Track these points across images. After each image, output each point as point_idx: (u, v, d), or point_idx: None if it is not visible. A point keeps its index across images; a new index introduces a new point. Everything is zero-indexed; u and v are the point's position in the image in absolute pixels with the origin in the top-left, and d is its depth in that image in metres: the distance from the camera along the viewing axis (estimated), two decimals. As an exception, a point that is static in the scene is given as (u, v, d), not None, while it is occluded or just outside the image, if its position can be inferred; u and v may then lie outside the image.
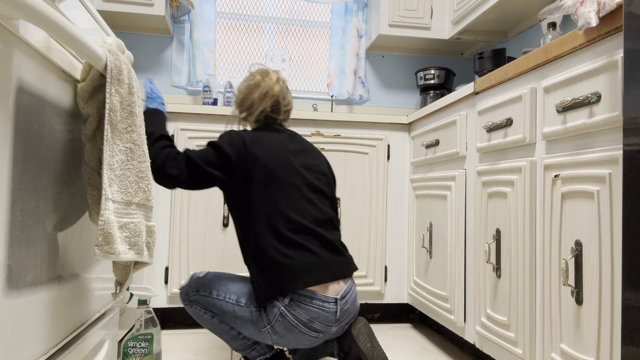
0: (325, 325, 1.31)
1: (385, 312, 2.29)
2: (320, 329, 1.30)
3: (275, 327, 1.28)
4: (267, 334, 1.30)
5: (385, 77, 2.85)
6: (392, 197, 2.20)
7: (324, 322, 1.30)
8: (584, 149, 1.08)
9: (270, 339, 1.31)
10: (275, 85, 1.48)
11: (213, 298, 1.35)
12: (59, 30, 0.69)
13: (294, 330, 1.28)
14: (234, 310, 1.32)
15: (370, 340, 1.41)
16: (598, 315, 1.00)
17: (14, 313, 0.70)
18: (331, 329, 1.32)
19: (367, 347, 1.39)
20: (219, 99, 2.53)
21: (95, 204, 0.93)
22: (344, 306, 1.33)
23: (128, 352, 1.34)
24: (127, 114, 0.94)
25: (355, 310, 1.39)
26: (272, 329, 1.28)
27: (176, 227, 2.00)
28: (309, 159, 1.46)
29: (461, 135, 1.67)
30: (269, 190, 1.34)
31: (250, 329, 1.32)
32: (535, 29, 2.30)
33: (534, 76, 1.27)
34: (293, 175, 1.38)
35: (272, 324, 1.28)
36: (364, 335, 1.41)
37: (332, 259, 1.34)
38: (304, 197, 1.37)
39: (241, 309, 1.32)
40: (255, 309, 1.31)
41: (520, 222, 1.29)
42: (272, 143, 1.42)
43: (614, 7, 0.95)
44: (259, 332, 1.31)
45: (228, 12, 2.75)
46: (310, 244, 1.32)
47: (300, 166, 1.42)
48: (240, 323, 1.32)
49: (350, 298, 1.36)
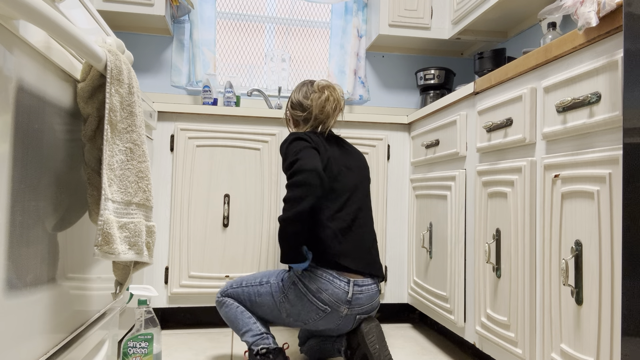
0: (334, 301, 1.44)
1: (385, 312, 2.29)
2: (327, 302, 1.44)
3: (288, 296, 1.48)
4: (281, 303, 1.50)
5: (385, 77, 2.85)
6: (392, 197, 2.20)
7: (333, 297, 1.44)
8: (584, 149, 1.08)
9: (284, 309, 1.50)
10: (339, 105, 1.66)
11: (242, 287, 1.58)
12: (59, 30, 0.69)
13: (303, 299, 1.46)
14: (257, 291, 1.55)
15: (379, 342, 1.44)
16: (598, 315, 1.00)
17: (14, 313, 0.70)
18: (340, 308, 1.45)
19: (375, 348, 1.42)
20: (219, 99, 2.53)
21: (95, 204, 0.93)
22: (358, 294, 1.46)
23: (128, 352, 1.34)
24: (127, 114, 0.94)
25: (370, 305, 1.50)
26: (285, 298, 1.49)
27: (176, 227, 2.00)
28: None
29: (461, 135, 1.67)
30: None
31: (269, 302, 1.52)
32: (535, 29, 2.30)
33: (534, 76, 1.27)
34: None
35: (286, 292, 1.49)
36: (374, 335, 1.44)
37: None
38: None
39: (262, 287, 1.55)
40: (274, 282, 1.53)
41: (520, 222, 1.29)
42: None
43: (614, 7, 0.95)
44: (275, 305, 1.51)
45: (228, 12, 2.75)
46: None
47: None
48: (261, 301, 1.54)
49: (368, 290, 1.49)
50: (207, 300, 2.03)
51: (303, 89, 1.68)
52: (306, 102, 1.65)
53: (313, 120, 1.64)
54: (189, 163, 2.03)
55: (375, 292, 1.53)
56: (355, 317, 1.49)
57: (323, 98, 1.63)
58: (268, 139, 2.09)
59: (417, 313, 2.31)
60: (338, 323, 1.49)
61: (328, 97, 1.63)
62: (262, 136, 2.09)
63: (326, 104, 1.63)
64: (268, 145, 2.09)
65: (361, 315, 1.50)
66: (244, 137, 2.08)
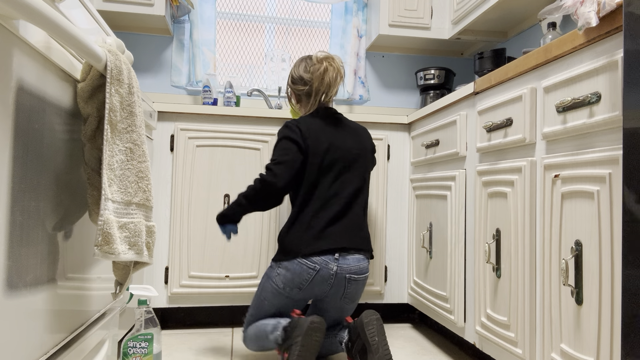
0: (323, 259, 1.54)
1: (385, 312, 2.29)
2: (316, 261, 1.54)
3: (281, 264, 1.58)
4: (277, 276, 1.58)
5: (385, 77, 2.85)
6: (392, 197, 2.20)
7: (320, 256, 1.54)
8: (584, 149, 1.08)
9: (281, 280, 1.58)
10: (338, 75, 1.71)
11: (250, 311, 1.68)
12: (59, 30, 0.69)
13: (293, 261, 1.55)
14: (259, 294, 1.65)
15: (379, 335, 1.45)
16: (598, 315, 1.00)
17: (14, 313, 0.70)
18: (329, 265, 1.55)
19: (375, 340, 1.43)
20: (219, 99, 2.53)
21: (95, 204, 0.93)
22: (345, 254, 1.58)
23: (128, 352, 1.34)
24: (127, 114, 0.94)
25: (358, 267, 1.60)
26: (279, 269, 1.58)
27: (176, 227, 2.00)
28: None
29: (461, 135, 1.67)
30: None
31: (269, 289, 1.61)
32: (535, 29, 2.30)
33: (534, 76, 1.27)
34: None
35: (279, 265, 1.59)
36: (374, 327, 1.45)
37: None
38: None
39: (260, 287, 1.66)
40: (266, 273, 1.65)
41: (520, 222, 1.29)
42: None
43: (614, 7, 0.95)
44: (275, 286, 1.59)
45: (228, 12, 2.75)
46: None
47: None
48: (265, 295, 1.63)
49: (354, 254, 1.60)
50: (207, 300, 2.03)
51: (302, 64, 1.75)
52: (307, 76, 1.72)
53: (315, 93, 1.71)
54: (189, 163, 2.03)
55: (363, 258, 1.62)
56: (345, 277, 1.57)
57: (322, 69, 1.69)
58: (268, 139, 2.09)
59: (417, 313, 2.31)
60: (330, 283, 1.56)
61: (327, 68, 1.69)
62: (262, 136, 2.09)
63: (325, 75, 1.69)
64: (268, 145, 2.09)
65: (352, 275, 1.58)
66: (244, 137, 2.08)
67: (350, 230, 1.62)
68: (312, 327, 1.43)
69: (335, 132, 1.68)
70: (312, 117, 1.70)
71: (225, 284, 2.03)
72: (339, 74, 1.71)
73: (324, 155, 1.63)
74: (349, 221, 1.63)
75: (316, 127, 1.66)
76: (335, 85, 1.71)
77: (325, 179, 1.63)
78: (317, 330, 1.44)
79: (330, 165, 1.64)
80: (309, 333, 1.42)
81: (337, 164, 1.65)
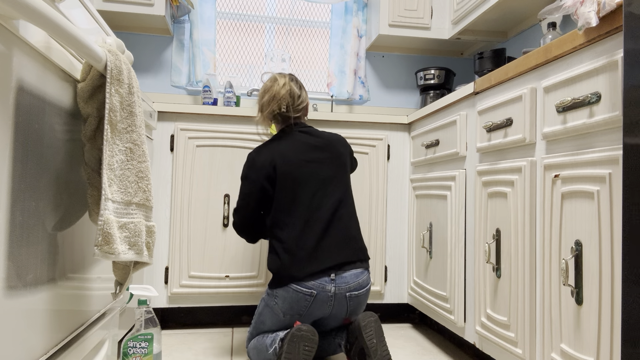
0: (319, 284, 1.49)
1: (385, 312, 2.29)
2: (312, 286, 1.49)
3: (277, 294, 1.53)
4: (275, 305, 1.55)
5: (385, 77, 2.85)
6: (392, 197, 2.20)
7: (316, 280, 1.50)
8: (584, 149, 1.08)
9: (279, 309, 1.54)
10: (282, 89, 1.69)
11: (255, 322, 1.66)
12: (59, 30, 0.69)
13: (289, 290, 1.50)
14: (259, 316, 1.63)
15: (377, 337, 1.44)
16: (598, 315, 1.00)
17: (14, 313, 0.70)
18: (326, 287, 1.50)
19: (373, 343, 1.42)
20: (219, 99, 2.53)
21: (95, 204, 0.93)
22: (341, 272, 1.53)
23: (128, 352, 1.34)
24: (127, 114, 0.94)
25: (357, 283, 1.55)
26: (276, 297, 1.54)
27: (176, 227, 2.00)
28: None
29: (461, 135, 1.67)
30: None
31: (267, 314, 1.59)
32: (535, 29, 2.30)
33: (534, 76, 1.27)
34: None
35: (275, 292, 1.54)
36: (371, 330, 1.45)
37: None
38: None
39: (259, 309, 1.63)
40: (265, 296, 1.60)
41: (520, 222, 1.29)
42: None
43: (614, 7, 0.95)
44: (272, 312, 1.56)
45: (228, 12, 2.75)
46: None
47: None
48: (263, 319, 1.61)
49: (351, 269, 1.54)
50: (207, 300, 2.03)
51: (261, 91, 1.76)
52: (261, 92, 1.74)
53: (270, 112, 1.70)
54: (189, 163, 2.03)
55: (361, 271, 1.56)
56: (345, 296, 1.52)
57: (269, 87, 1.71)
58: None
59: (417, 313, 2.31)
60: (330, 305, 1.52)
61: (272, 86, 1.70)
62: (262, 136, 2.09)
63: (270, 91, 1.70)
64: (268, 145, 2.09)
65: (352, 293, 1.53)
66: (244, 137, 2.08)
67: (342, 243, 1.56)
68: (296, 334, 1.39)
69: (304, 147, 1.64)
70: (279, 137, 1.69)
71: (225, 283, 2.03)
72: (285, 89, 1.68)
73: (297, 173, 1.59)
74: (338, 233, 1.57)
75: (283, 147, 1.64)
76: (283, 100, 1.67)
77: (303, 196, 1.58)
78: (304, 339, 1.39)
79: (305, 181, 1.59)
80: (293, 340, 1.38)
81: (312, 179, 1.60)
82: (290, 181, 1.59)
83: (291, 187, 1.59)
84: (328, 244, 1.55)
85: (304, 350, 1.39)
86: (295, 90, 1.71)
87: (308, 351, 1.39)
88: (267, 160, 1.62)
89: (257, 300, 2.06)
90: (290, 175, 1.59)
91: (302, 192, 1.59)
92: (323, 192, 1.60)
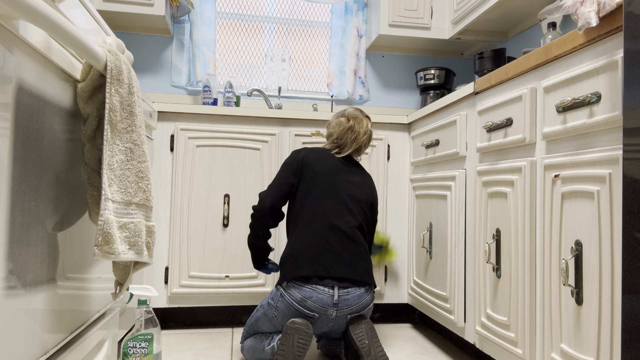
0: (320, 307, 1.47)
1: (385, 312, 2.29)
2: (314, 309, 1.47)
3: (278, 308, 1.51)
4: (274, 318, 1.53)
5: (385, 77, 2.85)
6: (392, 197, 2.20)
7: (318, 303, 1.47)
8: (584, 149, 1.08)
9: (278, 322, 1.52)
10: (361, 129, 1.74)
11: (246, 326, 1.65)
12: (59, 30, 0.69)
13: (291, 309, 1.48)
14: (255, 318, 1.60)
15: (370, 337, 1.44)
16: (598, 315, 1.00)
17: (13, 313, 0.70)
18: (328, 311, 1.48)
19: (365, 343, 1.43)
20: (219, 99, 2.53)
21: (95, 204, 0.93)
22: (345, 295, 1.49)
23: (128, 352, 1.34)
24: (127, 114, 0.94)
25: (359, 304, 1.52)
26: (276, 311, 1.52)
27: (176, 227, 2.00)
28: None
29: (461, 135, 1.67)
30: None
31: (265, 320, 1.56)
32: (535, 29, 2.30)
33: (534, 76, 1.27)
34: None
35: (276, 305, 1.52)
36: (362, 331, 1.45)
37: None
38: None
39: (257, 312, 1.60)
40: (265, 303, 1.57)
41: (520, 222, 1.29)
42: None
43: (614, 7, 0.95)
44: (271, 323, 1.55)
45: (228, 12, 2.75)
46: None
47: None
48: (261, 323, 1.58)
49: (355, 291, 1.51)
50: (207, 300, 2.03)
51: (338, 113, 1.81)
52: (331, 124, 1.79)
53: (332, 142, 1.76)
54: (189, 163, 2.03)
55: (363, 292, 1.53)
56: (346, 317, 1.51)
57: (345, 127, 1.74)
58: (268, 139, 2.09)
59: (417, 313, 2.31)
60: (330, 325, 1.51)
61: (351, 127, 1.73)
62: (262, 136, 2.09)
63: (347, 132, 1.73)
64: (268, 145, 2.09)
65: (353, 314, 1.52)
66: (244, 137, 2.08)
67: (354, 260, 1.54)
68: (290, 327, 1.40)
69: (347, 168, 1.68)
70: (331, 150, 1.74)
71: (225, 284, 2.03)
72: (357, 138, 1.72)
73: (334, 179, 1.62)
74: (353, 249, 1.55)
75: (330, 157, 1.68)
76: (351, 147, 1.71)
77: (330, 200, 1.59)
78: (298, 332, 1.39)
79: (338, 190, 1.61)
80: (287, 332, 1.40)
81: (346, 192, 1.62)
82: (323, 181, 1.62)
83: (322, 187, 1.61)
84: (341, 255, 1.53)
85: (298, 343, 1.39)
86: (371, 135, 1.79)
87: (302, 344, 1.40)
88: (314, 158, 1.67)
89: (257, 300, 2.06)
90: (326, 176, 1.62)
91: (331, 197, 1.60)
92: (351, 210, 1.60)
